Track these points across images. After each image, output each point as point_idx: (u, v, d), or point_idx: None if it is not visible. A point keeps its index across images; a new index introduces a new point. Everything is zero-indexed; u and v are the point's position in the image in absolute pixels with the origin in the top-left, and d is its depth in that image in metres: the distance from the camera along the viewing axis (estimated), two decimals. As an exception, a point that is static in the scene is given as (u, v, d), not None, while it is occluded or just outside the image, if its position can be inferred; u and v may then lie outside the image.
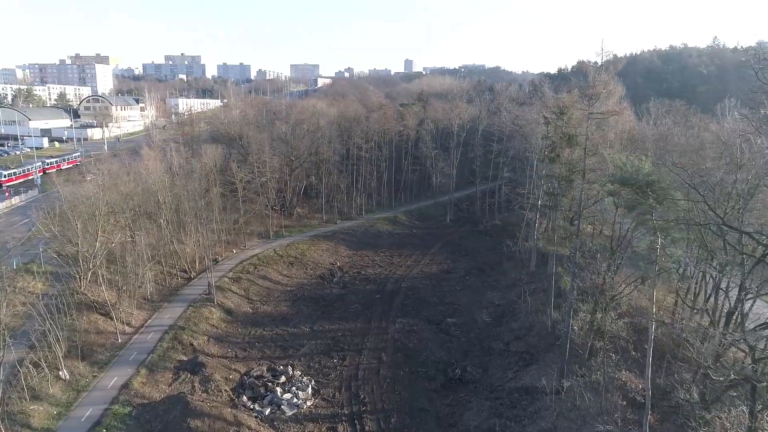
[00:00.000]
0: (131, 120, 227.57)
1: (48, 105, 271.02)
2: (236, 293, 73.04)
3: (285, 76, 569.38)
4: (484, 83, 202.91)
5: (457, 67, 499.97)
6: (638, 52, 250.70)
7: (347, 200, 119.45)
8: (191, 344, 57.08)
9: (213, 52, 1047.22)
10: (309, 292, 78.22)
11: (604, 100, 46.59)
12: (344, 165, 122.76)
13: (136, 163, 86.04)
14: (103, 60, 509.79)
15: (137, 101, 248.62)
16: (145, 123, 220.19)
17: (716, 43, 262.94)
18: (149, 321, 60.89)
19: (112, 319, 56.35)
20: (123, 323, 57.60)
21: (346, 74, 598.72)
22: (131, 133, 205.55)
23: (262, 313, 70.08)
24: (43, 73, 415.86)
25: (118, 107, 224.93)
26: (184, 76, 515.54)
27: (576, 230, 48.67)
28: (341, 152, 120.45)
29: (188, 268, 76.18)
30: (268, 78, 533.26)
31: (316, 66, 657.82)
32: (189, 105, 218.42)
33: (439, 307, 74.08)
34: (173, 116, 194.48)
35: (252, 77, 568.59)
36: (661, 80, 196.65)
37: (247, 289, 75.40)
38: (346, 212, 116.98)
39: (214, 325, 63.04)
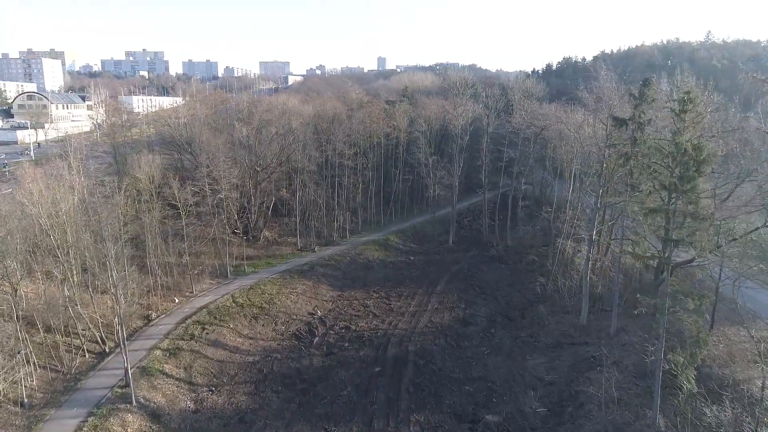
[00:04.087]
0: (75, 120, 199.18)
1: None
2: (172, 376, 49.77)
3: (254, 74, 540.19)
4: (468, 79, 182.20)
5: (431, 65, 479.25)
6: (634, 46, 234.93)
7: (327, 219, 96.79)
8: (77, 504, 33.88)
9: (178, 48, 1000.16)
10: (280, 363, 55.37)
11: None
12: (322, 175, 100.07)
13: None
14: (58, 56, 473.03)
15: (83, 99, 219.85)
16: (92, 124, 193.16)
17: (709, 38, 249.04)
18: (13, 454, 37.36)
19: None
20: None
21: (318, 72, 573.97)
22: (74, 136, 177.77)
23: (209, 409, 46.97)
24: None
25: (59, 106, 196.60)
26: (145, 73, 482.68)
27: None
28: (319, 160, 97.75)
29: (102, 337, 52.55)
30: (236, 75, 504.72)
31: (287, 63, 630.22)
32: (138, 103, 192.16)
33: (465, 386, 52.17)
34: (124, 116, 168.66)
35: (219, 74, 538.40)
36: (665, 75, 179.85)
37: (190, 366, 52.16)
38: (327, 235, 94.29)
39: (126, 450, 39.82)
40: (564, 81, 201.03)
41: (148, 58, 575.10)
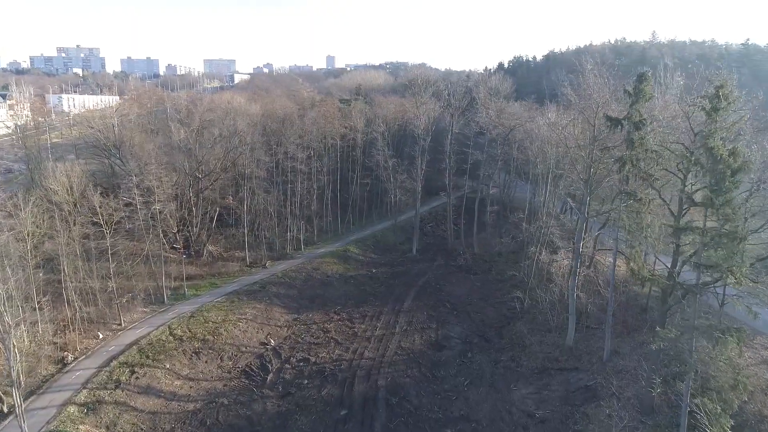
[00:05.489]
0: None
1: None
2: (89, 440, 40.21)
3: (198, 72, 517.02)
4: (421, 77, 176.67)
5: (381, 63, 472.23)
6: (583, 46, 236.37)
7: (279, 229, 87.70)
8: None
9: (116, 45, 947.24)
10: (227, 411, 46.51)
11: None
12: (273, 181, 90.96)
13: None
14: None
15: (4, 98, 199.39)
16: (15, 124, 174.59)
17: (655, 37, 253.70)
18: None
19: None
20: None
21: (266, 70, 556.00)
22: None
23: (136, 482, 37.89)
24: None
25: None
26: (79, 71, 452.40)
27: None
28: (269, 164, 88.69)
29: (-1, 393, 42.12)
30: (179, 73, 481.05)
31: (233, 61, 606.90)
32: (68, 103, 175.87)
33: (446, 429, 45.03)
34: (52, 115, 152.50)
35: (161, 72, 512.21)
36: (620, 74, 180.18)
37: (114, 423, 42.54)
38: (279, 247, 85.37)
39: None
40: (518, 80, 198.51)
41: (83, 55, 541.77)
